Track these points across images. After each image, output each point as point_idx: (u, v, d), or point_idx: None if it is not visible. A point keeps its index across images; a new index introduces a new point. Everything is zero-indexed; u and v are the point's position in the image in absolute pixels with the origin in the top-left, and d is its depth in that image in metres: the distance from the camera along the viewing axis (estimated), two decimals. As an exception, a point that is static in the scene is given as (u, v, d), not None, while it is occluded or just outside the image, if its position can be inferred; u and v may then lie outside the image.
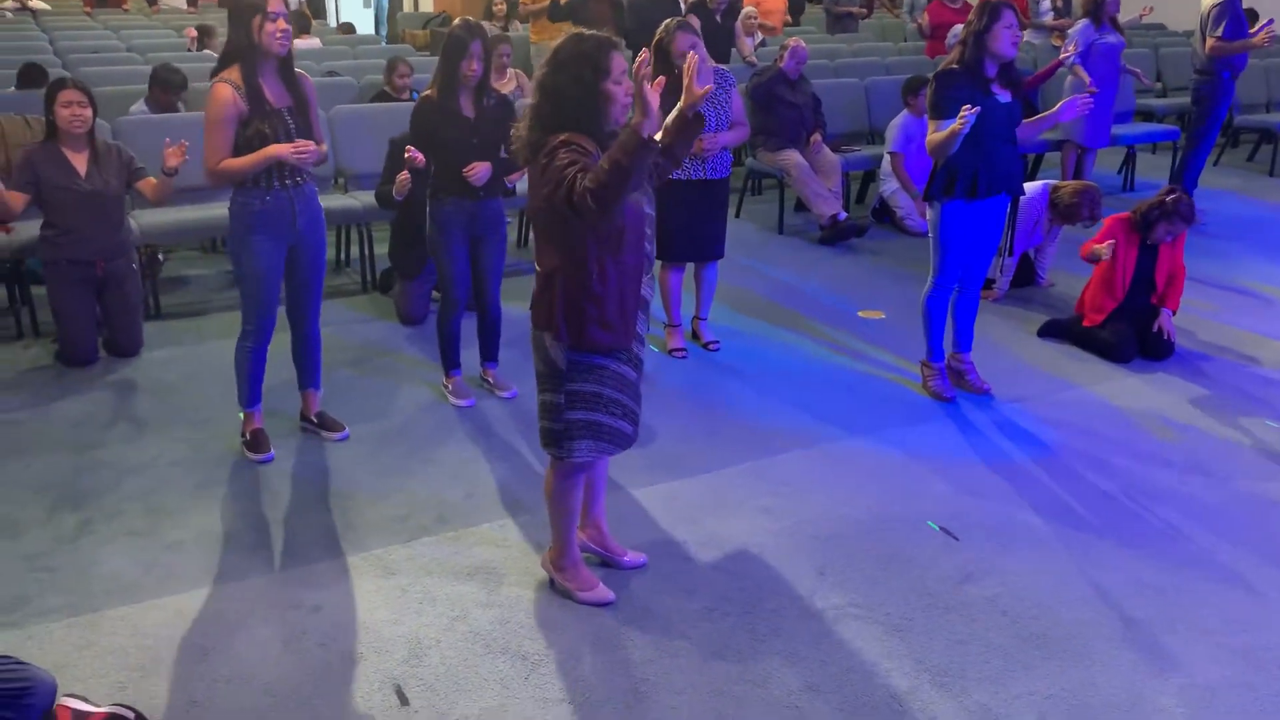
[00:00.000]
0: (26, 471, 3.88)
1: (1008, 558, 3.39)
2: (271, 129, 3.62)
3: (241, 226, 3.75)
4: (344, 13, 16.50)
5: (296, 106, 3.73)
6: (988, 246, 4.50)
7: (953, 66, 4.27)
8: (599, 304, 2.78)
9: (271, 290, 3.85)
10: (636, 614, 3.07)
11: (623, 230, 2.74)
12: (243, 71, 3.60)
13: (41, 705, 2.42)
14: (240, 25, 3.57)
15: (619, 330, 2.83)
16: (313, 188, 3.89)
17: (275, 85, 3.69)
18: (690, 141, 2.94)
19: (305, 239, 3.87)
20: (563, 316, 2.80)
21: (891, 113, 7.55)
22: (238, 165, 3.63)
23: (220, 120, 3.59)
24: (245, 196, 3.72)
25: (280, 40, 3.58)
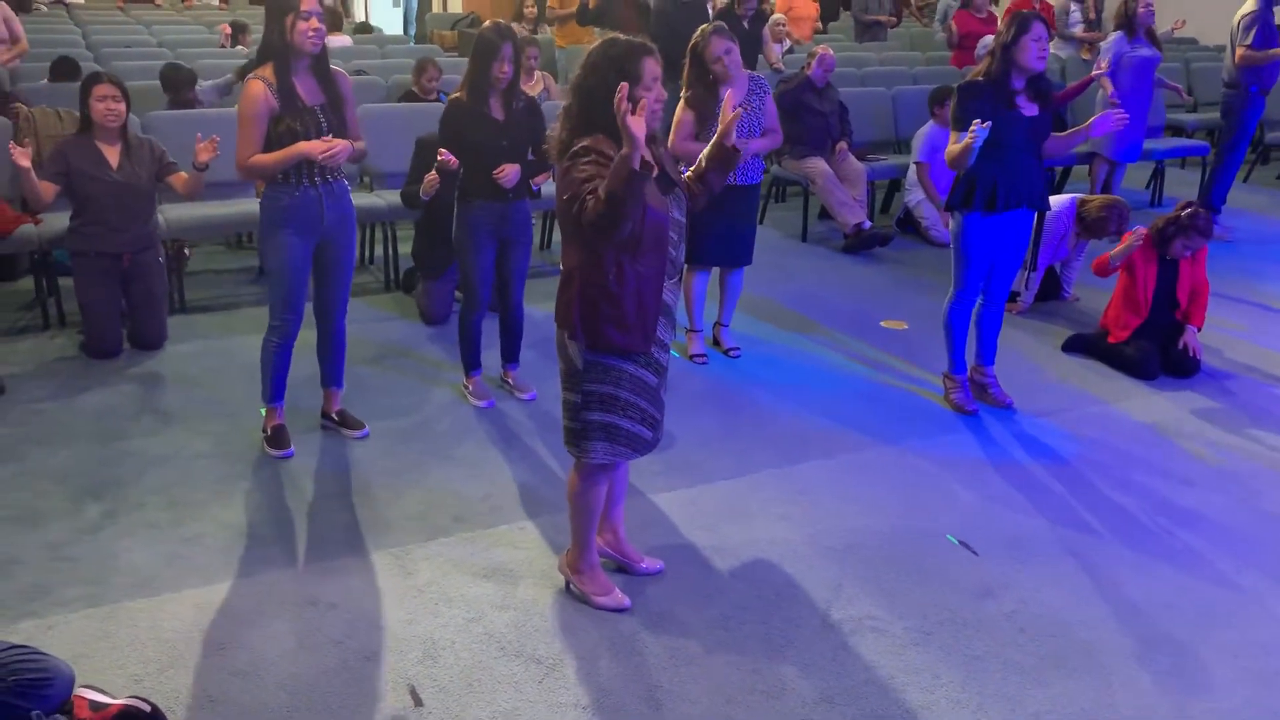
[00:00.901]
0: (50, 461, 3.91)
1: (1027, 573, 3.37)
2: (303, 126, 3.65)
3: (271, 222, 3.78)
4: (373, 13, 16.59)
5: (330, 104, 3.75)
6: (1012, 259, 4.47)
7: (977, 78, 4.25)
8: (615, 304, 2.78)
9: (299, 286, 3.87)
10: (652, 620, 3.06)
11: (641, 234, 2.74)
12: (276, 69, 3.63)
13: (59, 696, 2.43)
14: (274, 23, 3.61)
15: (636, 333, 2.83)
16: (344, 185, 3.91)
17: (309, 83, 3.71)
18: (727, 172, 3.02)
19: (334, 236, 3.89)
20: (579, 315, 2.82)
21: (918, 122, 7.53)
22: (266, 161, 3.65)
23: (251, 117, 3.62)
24: (275, 192, 3.75)
25: (313, 39, 3.61)
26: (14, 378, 4.60)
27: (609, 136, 2.73)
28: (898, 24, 12.55)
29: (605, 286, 2.77)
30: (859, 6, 11.85)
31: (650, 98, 2.75)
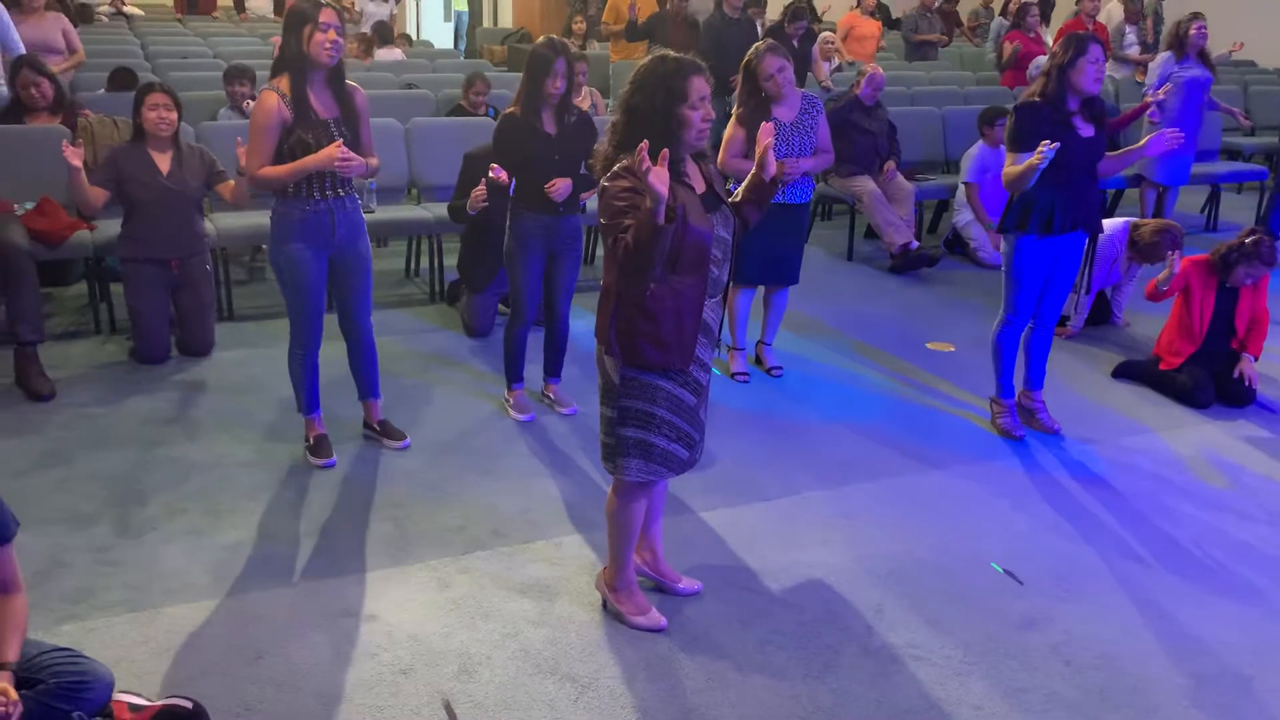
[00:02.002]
0: (97, 465, 3.96)
1: (1073, 604, 3.29)
2: (315, 139, 3.63)
3: (281, 235, 3.77)
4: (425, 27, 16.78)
5: (345, 118, 3.73)
6: (1063, 283, 4.39)
7: (1034, 99, 4.19)
8: (652, 321, 2.76)
9: (315, 299, 3.86)
10: (689, 641, 3.03)
11: (680, 251, 2.72)
12: (291, 81, 3.62)
13: (100, 700, 2.45)
14: (292, 34, 3.59)
15: (674, 351, 2.80)
16: (355, 199, 3.88)
17: (324, 96, 3.70)
18: (764, 205, 3.03)
19: (346, 250, 3.87)
20: (616, 331, 2.81)
21: (968, 142, 7.45)
22: (275, 174, 3.64)
23: (262, 128, 3.61)
24: (285, 206, 3.74)
25: (329, 51, 3.59)
26: (65, 382, 4.67)
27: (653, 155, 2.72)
28: (948, 43, 12.45)
29: (642, 303, 2.76)
30: (909, 26, 11.78)
31: (697, 116, 2.73)
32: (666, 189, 2.55)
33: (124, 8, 13.04)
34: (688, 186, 2.77)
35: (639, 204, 2.64)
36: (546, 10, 13.61)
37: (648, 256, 2.63)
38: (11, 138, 5.47)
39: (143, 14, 13.17)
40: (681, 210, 2.68)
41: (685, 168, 2.80)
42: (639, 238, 2.61)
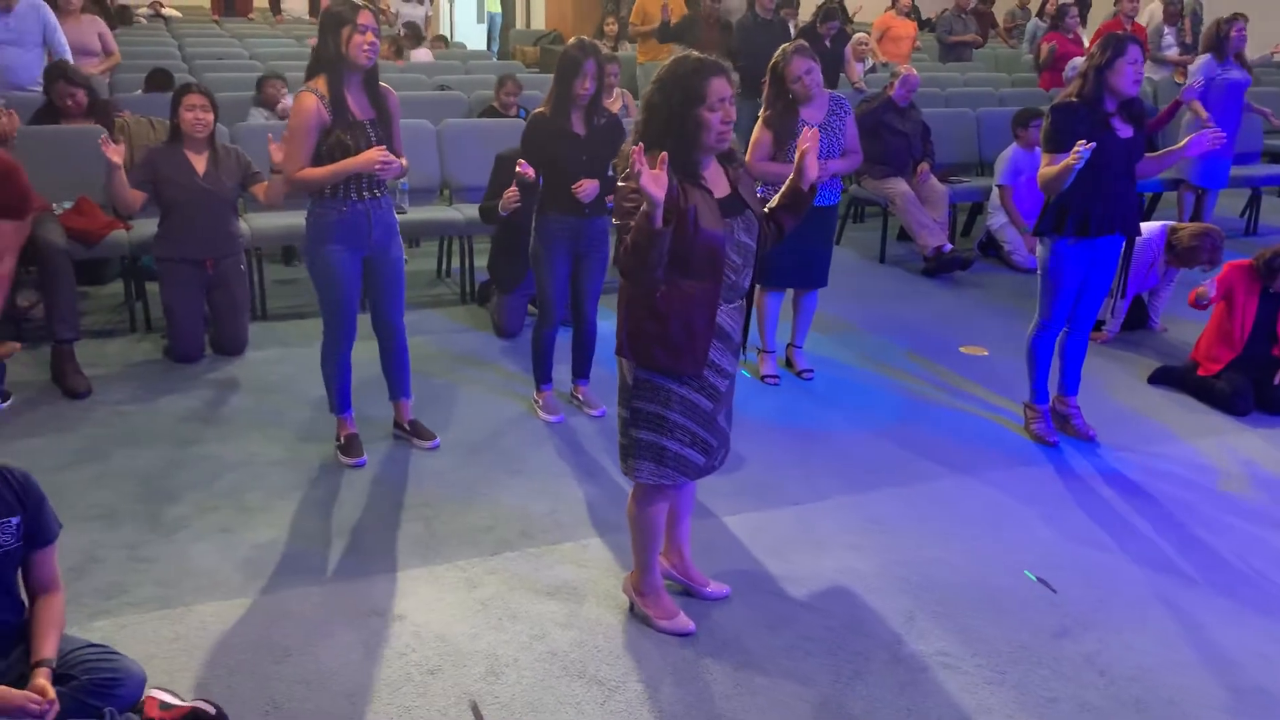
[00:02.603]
0: (131, 462, 4.00)
1: (1107, 614, 3.24)
2: (353, 140, 3.65)
3: (317, 236, 3.79)
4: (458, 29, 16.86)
5: (379, 119, 3.76)
6: (1100, 287, 4.33)
7: (1071, 99, 4.13)
8: (661, 324, 2.74)
9: (348, 300, 3.88)
10: (717, 646, 3.01)
11: (689, 255, 2.70)
12: (328, 82, 3.64)
13: (131, 696, 2.47)
14: (329, 36, 3.61)
15: (684, 356, 2.77)
16: (389, 201, 3.91)
17: (360, 97, 3.72)
18: (799, 213, 3.00)
19: (380, 251, 3.89)
20: (626, 332, 2.80)
21: (1003, 144, 7.37)
22: (316, 175, 3.66)
23: (302, 129, 3.63)
24: (322, 208, 3.76)
25: (367, 52, 3.61)
26: (101, 379, 4.72)
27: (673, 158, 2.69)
28: (983, 44, 12.34)
29: (651, 305, 2.74)
30: (944, 27, 11.69)
31: (716, 118, 2.70)
32: (662, 192, 2.53)
33: (162, 9, 13.20)
34: (704, 189, 2.74)
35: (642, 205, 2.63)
36: (579, 12, 13.63)
37: (644, 259, 2.63)
38: (49, 138, 5.55)
39: (180, 15, 13.32)
40: (693, 212, 2.65)
41: (704, 170, 2.77)
42: (636, 239, 2.61)
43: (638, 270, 2.68)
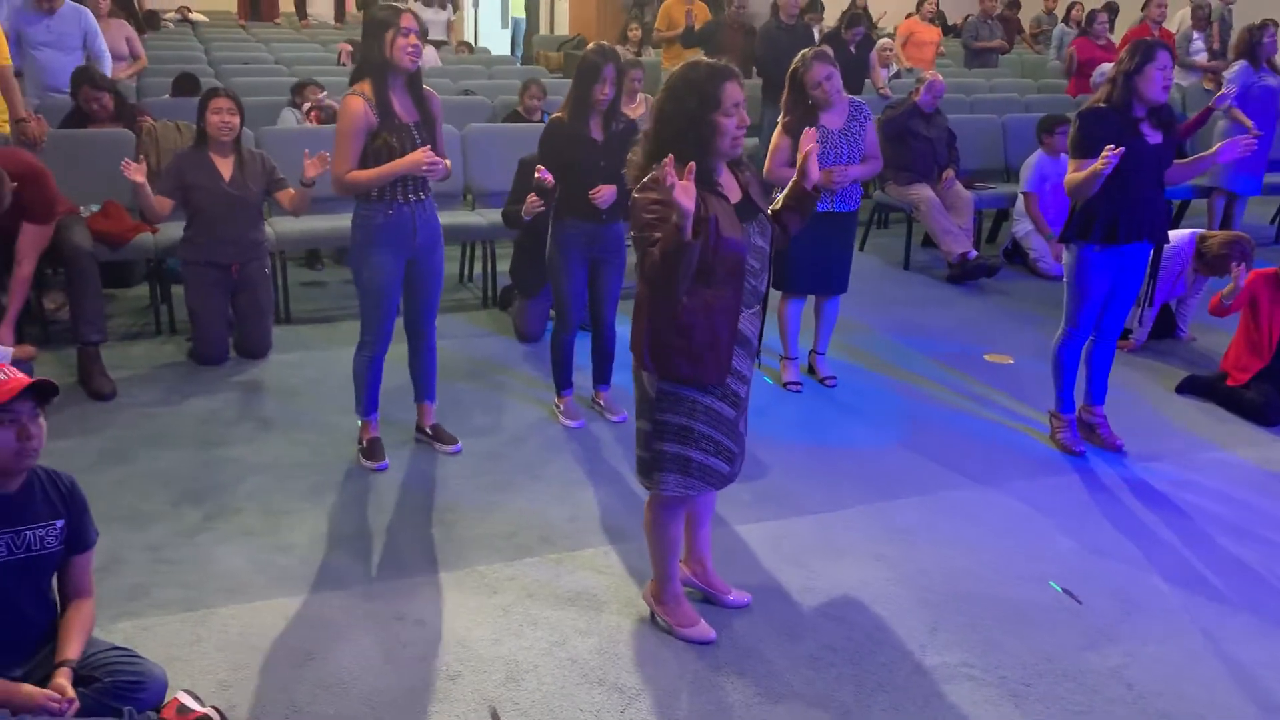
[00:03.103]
0: (155, 464, 4.02)
1: (1134, 626, 3.20)
2: (399, 142, 3.68)
3: (363, 239, 3.82)
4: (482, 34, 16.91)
5: (423, 122, 3.79)
6: (1127, 295, 4.28)
7: (1100, 105, 4.09)
8: (685, 335, 2.71)
9: (390, 302, 3.91)
10: (738, 655, 2.99)
11: (713, 264, 2.67)
12: (374, 85, 3.68)
13: (153, 700, 2.48)
14: (373, 40, 3.65)
15: (709, 365, 2.75)
16: (433, 204, 3.94)
17: (404, 100, 3.76)
18: (805, 214, 2.97)
19: (424, 254, 3.92)
20: (648, 344, 2.76)
21: (1028, 151, 7.32)
22: (364, 177, 3.69)
23: (350, 132, 3.66)
24: (368, 210, 3.79)
25: (411, 55, 3.64)
26: (126, 381, 4.75)
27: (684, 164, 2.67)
28: (1009, 50, 12.27)
29: (675, 317, 2.71)
30: (969, 33, 11.63)
31: (731, 123, 2.68)
32: (693, 204, 2.50)
33: (189, 14, 13.31)
34: (721, 196, 2.72)
35: (667, 217, 2.59)
36: (603, 17, 13.65)
37: (675, 272, 2.58)
38: (77, 142, 5.60)
39: (207, 20, 13.42)
40: (714, 222, 2.63)
41: (719, 177, 2.76)
42: (666, 253, 2.56)
43: (666, 283, 2.63)
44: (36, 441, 2.34)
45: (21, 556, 2.39)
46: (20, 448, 2.31)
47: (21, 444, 2.31)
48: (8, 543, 2.36)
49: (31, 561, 2.41)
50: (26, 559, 2.40)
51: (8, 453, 2.31)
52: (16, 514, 2.38)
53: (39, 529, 2.41)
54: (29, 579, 2.42)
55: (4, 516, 2.36)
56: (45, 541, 2.42)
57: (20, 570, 2.39)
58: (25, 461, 2.34)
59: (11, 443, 2.30)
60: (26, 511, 2.40)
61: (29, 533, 2.40)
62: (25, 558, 2.39)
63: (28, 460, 2.35)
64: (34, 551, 2.41)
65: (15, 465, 2.34)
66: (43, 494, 2.44)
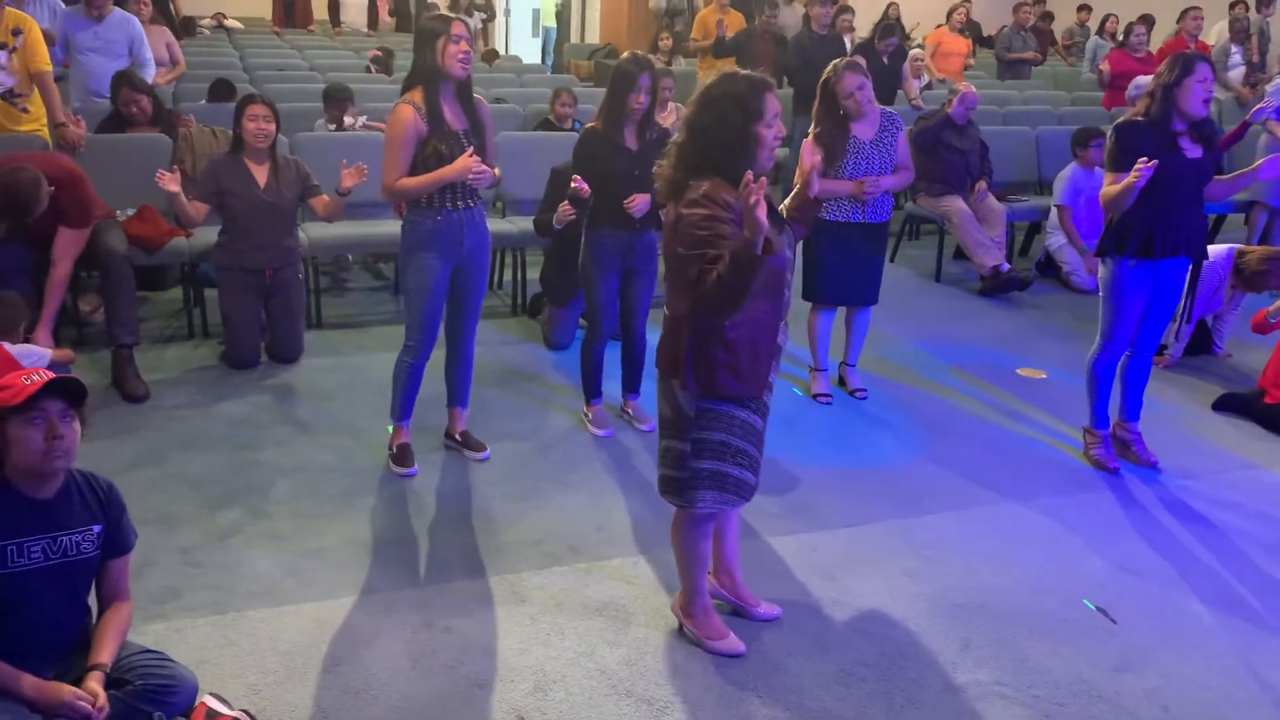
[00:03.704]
0: (187, 466, 4.05)
1: (1169, 647, 3.15)
2: (449, 150, 3.70)
3: (412, 244, 3.85)
4: (513, 43, 16.98)
5: (473, 130, 3.81)
6: (1163, 310, 4.23)
7: (1137, 118, 4.05)
8: (731, 351, 2.70)
9: (436, 308, 3.93)
10: (767, 669, 2.97)
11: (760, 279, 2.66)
12: (425, 93, 3.70)
13: (183, 704, 2.49)
14: (425, 48, 3.69)
15: (750, 379, 2.74)
16: (482, 211, 3.96)
17: (454, 108, 3.78)
18: (810, 220, 2.96)
19: (470, 261, 3.93)
20: (690, 363, 2.73)
21: (1062, 163, 7.27)
22: (413, 184, 3.72)
23: (400, 140, 3.69)
24: (418, 216, 3.82)
25: (461, 61, 3.67)
26: (159, 384, 4.79)
27: (726, 180, 2.63)
28: (1042, 62, 12.19)
29: (721, 334, 2.68)
30: (1002, 44, 11.57)
31: (771, 134, 2.68)
32: (766, 221, 2.47)
33: (225, 21, 13.44)
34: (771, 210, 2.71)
35: (722, 232, 2.56)
36: (634, 26, 13.66)
37: (743, 289, 2.53)
38: (115, 147, 5.66)
39: (242, 27, 13.55)
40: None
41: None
42: (737, 270, 2.50)
43: (729, 301, 2.56)
44: (66, 442, 2.32)
45: (58, 561, 2.39)
46: (49, 448, 2.29)
47: (50, 444, 2.29)
48: (44, 548, 2.37)
49: (68, 566, 2.41)
50: (63, 564, 2.40)
51: (35, 453, 2.29)
52: (53, 519, 2.39)
53: (76, 534, 2.42)
54: (66, 584, 2.43)
55: (41, 522, 2.37)
56: (82, 547, 2.43)
57: (57, 575, 2.40)
58: (55, 463, 2.32)
59: (39, 442, 2.29)
60: (64, 517, 2.40)
61: (65, 538, 2.40)
62: (62, 563, 2.40)
63: (57, 461, 2.32)
64: (70, 557, 2.41)
65: (45, 466, 2.32)
66: (80, 499, 2.44)
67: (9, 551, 2.33)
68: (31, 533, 2.36)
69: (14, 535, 2.34)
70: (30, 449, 2.29)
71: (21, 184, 4.35)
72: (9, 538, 2.33)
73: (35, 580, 2.37)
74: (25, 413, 2.28)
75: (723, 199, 2.61)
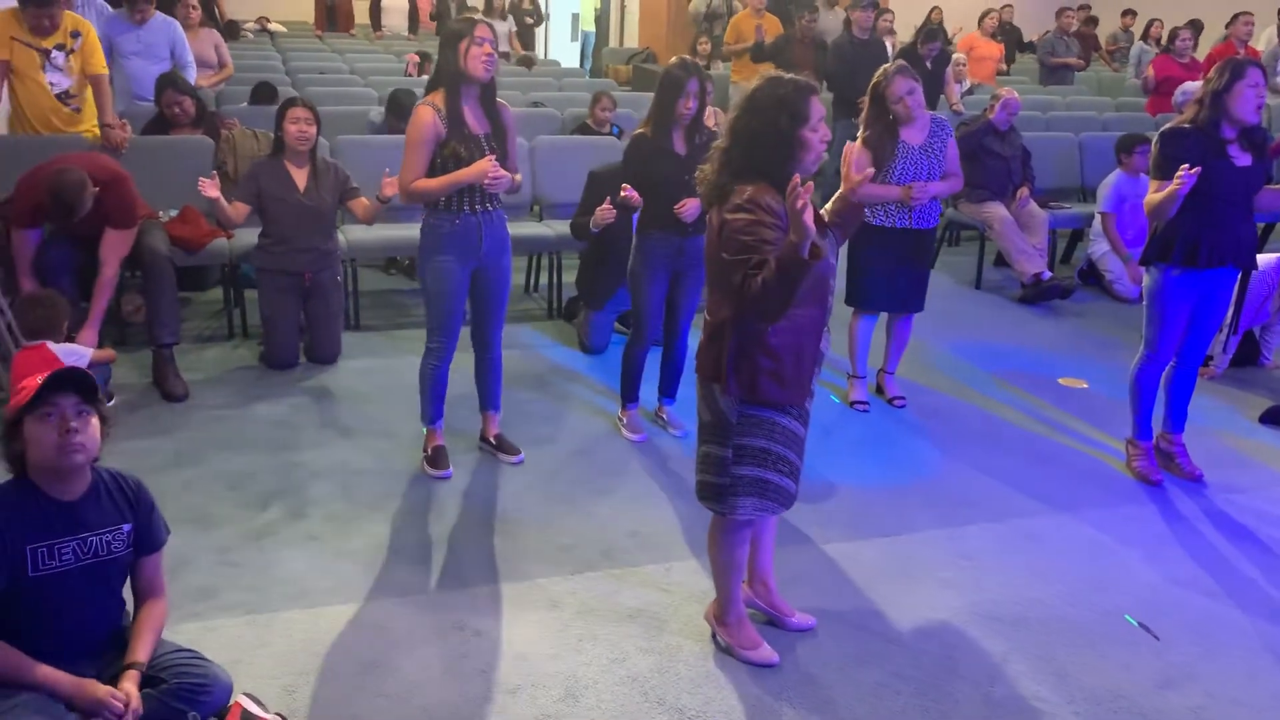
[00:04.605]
0: (225, 466, 4.08)
1: (1214, 665, 3.08)
2: (468, 153, 3.70)
3: (430, 247, 3.85)
4: (552, 47, 17.03)
5: (495, 133, 3.80)
6: (1210, 321, 4.15)
7: (1184, 125, 3.98)
8: (774, 357, 2.68)
9: (455, 310, 3.93)
10: (801, 680, 2.93)
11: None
12: (446, 96, 3.70)
13: (217, 703, 2.49)
14: (448, 50, 3.68)
15: (794, 386, 2.71)
16: (502, 215, 3.95)
17: (476, 111, 3.77)
18: (850, 229, 2.93)
19: (491, 263, 3.93)
20: (733, 368, 2.71)
21: (1105, 170, 7.16)
22: (429, 186, 3.72)
23: (418, 142, 3.69)
24: (435, 219, 3.82)
25: (485, 64, 3.66)
26: (198, 384, 4.83)
27: (772, 185, 2.62)
28: (1085, 67, 12.03)
29: (763, 340, 2.67)
30: (1045, 49, 11.44)
31: (816, 138, 2.66)
32: (814, 224, 2.45)
33: (268, 24, 13.58)
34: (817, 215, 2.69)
35: (766, 237, 2.54)
36: (673, 31, 13.65)
37: (790, 294, 2.50)
38: (158, 148, 5.72)
39: (285, 30, 13.69)
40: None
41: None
42: (783, 275, 2.47)
43: (774, 307, 2.55)
44: (81, 436, 2.28)
45: (89, 562, 2.40)
46: (62, 443, 2.27)
47: (63, 439, 2.27)
48: (74, 549, 2.37)
49: (99, 566, 2.42)
50: (94, 564, 2.41)
51: (50, 448, 2.27)
52: (83, 520, 2.39)
53: (106, 534, 2.42)
54: (98, 583, 2.44)
55: (69, 523, 2.37)
56: (112, 547, 2.44)
57: (89, 575, 2.41)
58: (70, 458, 2.29)
59: (52, 437, 2.27)
60: (93, 517, 2.40)
61: (94, 539, 2.40)
62: (94, 563, 2.41)
63: (73, 456, 2.29)
64: (101, 557, 2.42)
65: (61, 461, 2.30)
66: (109, 498, 2.45)
67: (40, 554, 2.33)
68: (61, 535, 2.36)
69: (44, 538, 2.34)
70: (45, 444, 2.27)
71: (67, 184, 4.41)
72: (39, 541, 2.33)
73: (68, 581, 2.38)
74: (37, 409, 2.27)
75: (767, 204, 2.59)
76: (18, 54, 5.33)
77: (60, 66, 5.44)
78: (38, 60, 5.37)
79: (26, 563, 2.32)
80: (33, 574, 2.33)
